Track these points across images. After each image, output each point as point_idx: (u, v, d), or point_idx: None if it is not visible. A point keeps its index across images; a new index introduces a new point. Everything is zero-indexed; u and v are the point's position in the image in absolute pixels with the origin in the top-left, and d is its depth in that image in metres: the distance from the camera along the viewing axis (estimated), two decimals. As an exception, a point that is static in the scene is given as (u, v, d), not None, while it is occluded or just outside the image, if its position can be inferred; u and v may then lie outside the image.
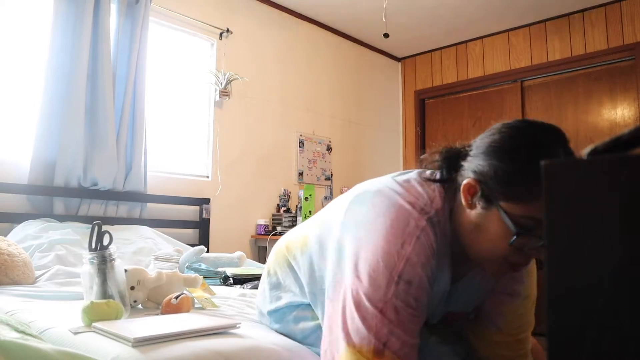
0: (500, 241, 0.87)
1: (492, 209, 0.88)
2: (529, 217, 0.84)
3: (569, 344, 0.39)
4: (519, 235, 0.84)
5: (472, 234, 0.92)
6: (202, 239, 3.29)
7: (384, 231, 0.88)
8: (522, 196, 0.84)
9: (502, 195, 0.86)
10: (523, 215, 0.84)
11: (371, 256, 0.87)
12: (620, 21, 3.86)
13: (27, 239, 2.30)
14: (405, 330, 0.84)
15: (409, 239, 0.87)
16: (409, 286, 0.85)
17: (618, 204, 0.37)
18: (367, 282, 0.85)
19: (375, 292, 0.84)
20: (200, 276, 1.77)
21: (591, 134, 4.00)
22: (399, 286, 0.84)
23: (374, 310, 0.84)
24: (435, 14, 4.17)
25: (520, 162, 0.85)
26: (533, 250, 0.87)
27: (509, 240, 0.85)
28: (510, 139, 0.88)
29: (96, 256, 1.35)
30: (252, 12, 3.85)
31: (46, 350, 0.86)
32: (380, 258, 0.86)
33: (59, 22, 2.69)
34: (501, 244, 0.87)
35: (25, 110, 2.70)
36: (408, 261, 0.86)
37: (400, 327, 0.83)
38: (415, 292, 0.85)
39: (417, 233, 0.88)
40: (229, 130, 3.62)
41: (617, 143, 0.41)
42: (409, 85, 5.16)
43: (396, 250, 0.86)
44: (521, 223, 0.84)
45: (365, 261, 0.87)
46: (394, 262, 0.85)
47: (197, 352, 1.00)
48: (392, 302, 0.84)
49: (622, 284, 0.37)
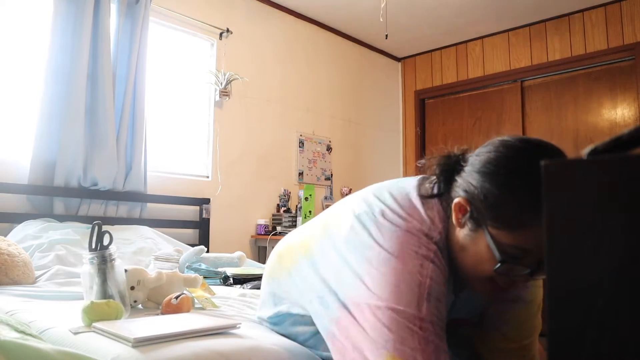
0: (485, 264, 0.87)
1: (480, 232, 0.86)
2: (516, 247, 0.82)
3: (569, 344, 0.39)
4: (503, 263, 0.83)
5: (460, 253, 0.90)
6: (202, 239, 3.29)
7: (399, 253, 0.86)
8: (511, 224, 0.82)
9: (491, 220, 0.84)
10: (510, 244, 0.83)
11: (391, 276, 0.84)
12: (620, 21, 3.86)
13: (27, 239, 2.30)
14: (436, 348, 0.80)
15: (426, 262, 0.86)
16: (439, 303, 0.84)
17: (618, 204, 0.37)
18: (396, 300, 0.82)
19: (409, 309, 0.81)
20: (201, 276, 1.77)
21: (591, 134, 4.00)
22: (431, 303, 0.83)
23: (413, 328, 0.80)
24: (435, 14, 4.17)
25: (512, 189, 0.82)
26: (519, 277, 0.86)
27: (494, 266, 0.84)
28: (506, 159, 0.85)
29: (96, 256, 1.35)
30: (252, 12, 3.85)
31: (46, 350, 0.86)
32: (402, 278, 0.84)
33: (59, 22, 2.69)
34: (486, 267, 0.87)
35: (25, 110, 2.70)
36: (432, 280, 0.84)
37: (440, 340, 0.81)
38: (443, 309, 0.85)
39: (431, 256, 0.87)
40: (229, 130, 3.62)
41: (617, 143, 0.41)
42: (409, 85, 5.16)
43: (417, 270, 0.84)
44: (507, 251, 0.83)
45: (384, 279, 0.84)
46: (418, 281, 0.84)
47: (197, 352, 1.00)
48: (428, 319, 0.81)
49: (622, 284, 0.37)
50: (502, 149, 0.87)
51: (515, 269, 0.84)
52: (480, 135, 4.64)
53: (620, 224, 0.37)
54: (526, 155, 0.85)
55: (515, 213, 0.81)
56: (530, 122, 4.35)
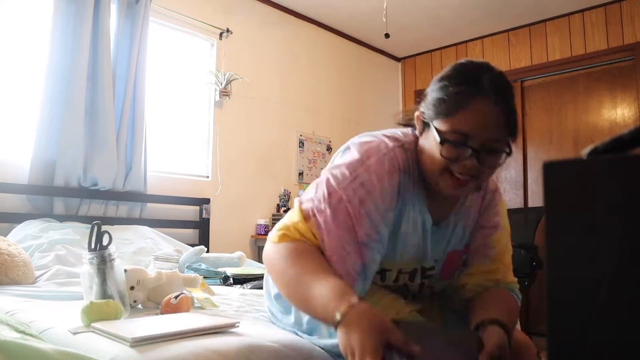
0: (436, 154, 1.01)
1: (429, 130, 1.03)
2: (454, 131, 0.98)
3: (569, 344, 0.39)
4: (442, 143, 0.99)
5: (423, 157, 1.07)
6: (202, 239, 3.29)
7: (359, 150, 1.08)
8: (447, 112, 0.99)
9: (433, 115, 1.02)
10: (449, 130, 0.98)
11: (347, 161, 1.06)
12: (620, 21, 3.86)
13: (27, 239, 2.30)
14: (335, 217, 1.00)
15: (375, 155, 1.05)
16: (361, 187, 1.01)
17: (618, 204, 0.37)
18: (339, 173, 1.04)
19: (336, 181, 1.03)
20: (200, 276, 1.77)
21: (591, 134, 4.00)
22: (353, 184, 1.02)
23: (325, 191, 1.03)
24: (435, 14, 4.17)
25: (445, 85, 1.01)
26: (467, 160, 0.99)
27: (439, 152, 1.00)
28: (442, 73, 1.05)
29: (96, 256, 1.35)
30: (252, 12, 3.85)
31: (46, 350, 0.86)
32: (350, 163, 1.05)
33: (59, 22, 2.69)
34: (437, 157, 1.01)
35: (25, 110, 2.70)
36: (368, 169, 1.03)
37: (332, 212, 1.00)
38: (363, 196, 1.01)
39: (384, 151, 1.06)
40: (229, 130, 3.62)
41: (617, 143, 0.41)
42: (409, 85, 5.16)
43: (362, 160, 1.05)
44: (449, 137, 0.98)
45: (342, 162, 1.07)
46: (357, 167, 1.04)
47: (195, 352, 1.00)
48: (340, 193, 1.01)
49: (622, 284, 0.37)
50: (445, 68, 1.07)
51: (461, 153, 0.99)
52: (480, 135, 4.64)
53: (620, 223, 0.37)
54: (460, 64, 1.04)
55: (448, 102, 0.99)
56: (530, 122, 4.35)
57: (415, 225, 1.09)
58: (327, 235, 1.00)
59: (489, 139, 0.98)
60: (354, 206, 1.01)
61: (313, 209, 1.02)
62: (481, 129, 0.97)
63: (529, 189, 4.31)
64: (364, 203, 1.01)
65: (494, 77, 1.00)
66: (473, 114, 0.97)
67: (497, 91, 0.98)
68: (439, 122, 1.00)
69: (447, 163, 1.00)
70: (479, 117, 0.97)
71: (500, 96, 0.98)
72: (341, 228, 1.00)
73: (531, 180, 4.30)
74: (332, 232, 1.00)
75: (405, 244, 1.10)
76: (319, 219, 1.01)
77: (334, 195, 1.02)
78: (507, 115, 0.98)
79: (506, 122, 0.98)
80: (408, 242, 1.10)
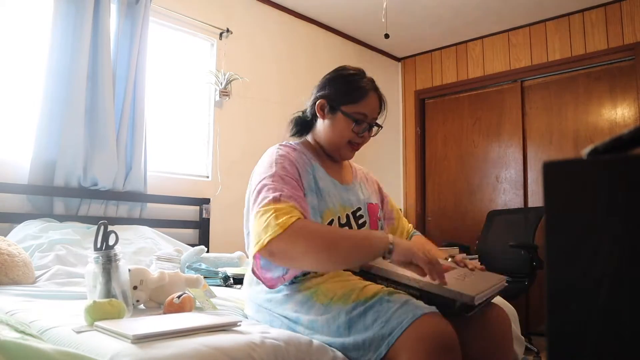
0: (345, 131, 1.46)
1: (337, 113, 1.47)
2: (358, 113, 1.46)
3: (569, 343, 0.39)
4: (357, 123, 1.45)
5: (327, 134, 1.49)
6: (202, 239, 3.29)
7: (265, 156, 1.45)
8: (353, 100, 1.45)
9: (342, 102, 1.46)
10: (355, 112, 1.45)
11: (261, 164, 1.42)
12: (620, 21, 3.86)
13: (27, 239, 2.30)
14: (291, 187, 1.31)
15: (276, 152, 1.43)
16: (282, 161, 1.38)
17: (618, 204, 0.37)
18: (262, 173, 1.36)
19: (266, 173, 1.35)
20: (202, 277, 1.77)
21: (591, 134, 4.00)
22: (277, 164, 1.37)
23: (268, 180, 1.32)
24: (435, 14, 4.17)
25: (351, 81, 1.48)
26: (366, 132, 1.49)
27: (351, 128, 1.45)
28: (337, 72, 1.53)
29: (101, 255, 1.35)
30: (252, 12, 3.85)
31: (46, 350, 0.86)
32: (265, 162, 1.41)
33: (59, 22, 2.69)
34: (346, 133, 1.46)
35: (25, 110, 2.70)
36: (279, 155, 1.40)
37: (286, 184, 1.31)
38: (287, 165, 1.37)
39: (280, 151, 1.43)
40: (229, 130, 3.62)
41: (617, 143, 0.41)
42: (409, 85, 5.16)
43: (271, 155, 1.42)
44: (355, 117, 1.45)
45: (259, 168, 1.42)
46: (272, 158, 1.40)
47: (197, 349, 1.00)
48: (277, 172, 1.34)
49: (622, 284, 0.37)
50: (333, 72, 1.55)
51: (362, 128, 1.47)
52: (480, 135, 4.64)
53: (620, 223, 0.37)
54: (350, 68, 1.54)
55: (353, 92, 1.46)
56: (530, 122, 4.35)
57: (326, 182, 1.45)
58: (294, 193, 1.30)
59: (375, 118, 1.50)
60: (286, 174, 1.35)
61: (274, 195, 1.27)
62: (373, 112, 1.49)
63: (529, 189, 4.31)
64: (290, 171, 1.37)
65: (369, 77, 1.52)
66: (370, 100, 1.47)
67: (376, 88, 1.51)
68: (348, 107, 1.45)
69: (353, 135, 1.47)
70: (372, 103, 1.48)
71: (378, 91, 1.51)
72: (294, 188, 1.32)
73: (531, 180, 4.30)
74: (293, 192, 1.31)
75: (329, 194, 1.43)
76: (286, 193, 1.28)
77: (273, 176, 1.33)
78: (381, 101, 1.51)
79: (380, 106, 1.51)
80: (330, 193, 1.44)
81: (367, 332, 1.13)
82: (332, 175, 1.50)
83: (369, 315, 1.15)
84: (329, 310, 1.23)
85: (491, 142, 4.56)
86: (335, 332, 1.19)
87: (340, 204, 1.44)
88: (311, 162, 1.46)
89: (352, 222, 1.45)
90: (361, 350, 1.13)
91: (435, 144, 4.98)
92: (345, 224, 1.43)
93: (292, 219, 1.19)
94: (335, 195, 1.44)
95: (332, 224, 1.39)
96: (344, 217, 1.43)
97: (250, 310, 1.46)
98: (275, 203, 1.23)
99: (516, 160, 4.38)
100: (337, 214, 1.41)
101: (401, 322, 1.08)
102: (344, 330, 1.18)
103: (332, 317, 1.21)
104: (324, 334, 1.21)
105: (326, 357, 1.15)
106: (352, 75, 1.49)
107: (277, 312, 1.34)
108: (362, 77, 1.49)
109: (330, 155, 1.53)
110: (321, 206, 1.39)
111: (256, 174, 1.40)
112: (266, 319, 1.37)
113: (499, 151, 4.50)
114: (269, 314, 1.37)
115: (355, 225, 1.45)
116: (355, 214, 1.47)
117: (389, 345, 1.07)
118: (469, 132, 4.73)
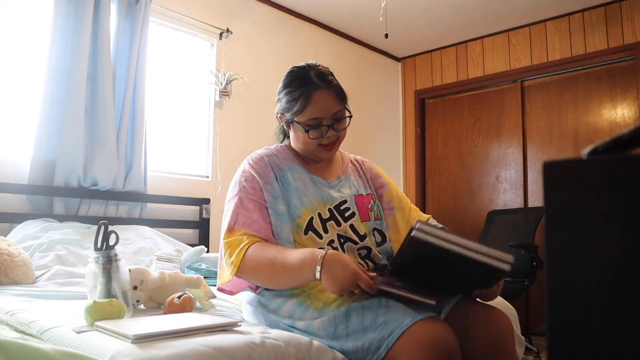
0: (306, 138, 1.42)
1: (295, 124, 1.45)
2: (311, 119, 1.40)
3: (569, 343, 0.39)
4: (307, 131, 1.41)
5: (295, 142, 1.50)
6: (202, 239, 3.29)
7: (237, 172, 1.49)
8: (299, 109, 1.40)
9: (293, 114, 1.42)
10: (307, 119, 1.40)
11: (233, 180, 1.47)
12: (620, 21, 3.86)
13: (27, 239, 2.30)
14: (248, 210, 1.36)
15: (243, 168, 1.47)
16: (245, 179, 1.42)
17: (618, 204, 0.37)
18: (228, 194, 1.44)
19: (230, 195, 1.42)
20: (202, 277, 1.77)
21: (591, 134, 4.00)
22: (239, 184, 1.41)
23: (230, 205, 1.39)
24: (435, 14, 4.17)
25: (290, 91, 1.43)
26: (328, 133, 1.42)
27: (308, 137, 1.41)
28: (283, 82, 1.47)
29: (102, 255, 1.35)
30: (252, 12, 3.85)
31: (46, 350, 0.86)
32: (234, 179, 1.46)
33: (59, 22, 2.69)
34: (308, 140, 1.42)
35: (25, 110, 2.70)
36: (244, 173, 1.44)
37: (244, 208, 1.36)
38: (249, 183, 1.41)
39: (251, 163, 1.46)
40: (229, 130, 3.62)
41: (617, 143, 0.41)
42: (409, 85, 5.16)
43: (239, 171, 1.47)
44: (309, 124, 1.40)
45: (231, 184, 1.47)
46: (237, 177, 1.45)
47: (197, 349, 1.00)
48: (238, 194, 1.39)
49: (622, 284, 0.37)
50: (283, 78, 1.49)
51: (322, 131, 1.41)
52: (480, 135, 4.64)
53: (620, 223, 0.37)
54: (290, 72, 1.47)
55: (298, 103, 1.40)
56: (530, 122, 4.35)
57: (304, 182, 1.45)
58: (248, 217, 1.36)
59: (334, 113, 1.41)
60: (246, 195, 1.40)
61: (229, 224, 1.37)
62: (327, 110, 1.39)
63: (529, 189, 4.31)
64: (250, 190, 1.40)
65: (317, 70, 1.42)
66: (317, 103, 1.38)
67: (323, 79, 1.40)
68: (298, 117, 1.41)
69: (316, 140, 1.42)
70: (322, 103, 1.38)
71: (326, 82, 1.40)
72: (250, 211, 1.37)
73: (531, 180, 4.30)
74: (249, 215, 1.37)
75: (305, 194, 1.43)
76: (241, 220, 1.36)
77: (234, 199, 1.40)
78: (336, 92, 1.42)
79: (338, 96, 1.42)
80: (307, 191, 1.44)
81: (366, 333, 1.12)
82: (315, 173, 1.50)
83: (367, 317, 1.14)
84: (324, 314, 1.22)
85: (491, 142, 4.56)
86: (332, 335, 1.18)
87: (318, 200, 1.43)
88: (285, 164, 1.47)
89: (337, 216, 1.44)
90: (360, 352, 1.12)
91: (435, 144, 4.98)
92: (329, 218, 1.42)
93: (241, 253, 1.29)
94: (313, 192, 1.44)
95: (313, 222, 1.39)
96: (326, 212, 1.42)
97: (247, 314, 1.46)
98: (229, 235, 1.35)
99: (516, 160, 4.38)
100: (316, 211, 1.41)
101: (401, 323, 1.07)
102: (342, 332, 1.17)
103: (327, 320, 1.20)
104: (321, 338, 1.20)
105: (326, 357, 1.14)
106: (291, 83, 1.43)
107: (273, 317, 1.34)
108: (303, 80, 1.40)
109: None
110: (294, 209, 1.40)
111: (229, 190, 1.47)
112: (262, 322, 1.37)
113: (499, 151, 4.50)
114: (265, 317, 1.36)
115: (341, 218, 1.44)
116: (339, 207, 1.45)
117: (388, 347, 1.07)
118: (469, 132, 4.73)
